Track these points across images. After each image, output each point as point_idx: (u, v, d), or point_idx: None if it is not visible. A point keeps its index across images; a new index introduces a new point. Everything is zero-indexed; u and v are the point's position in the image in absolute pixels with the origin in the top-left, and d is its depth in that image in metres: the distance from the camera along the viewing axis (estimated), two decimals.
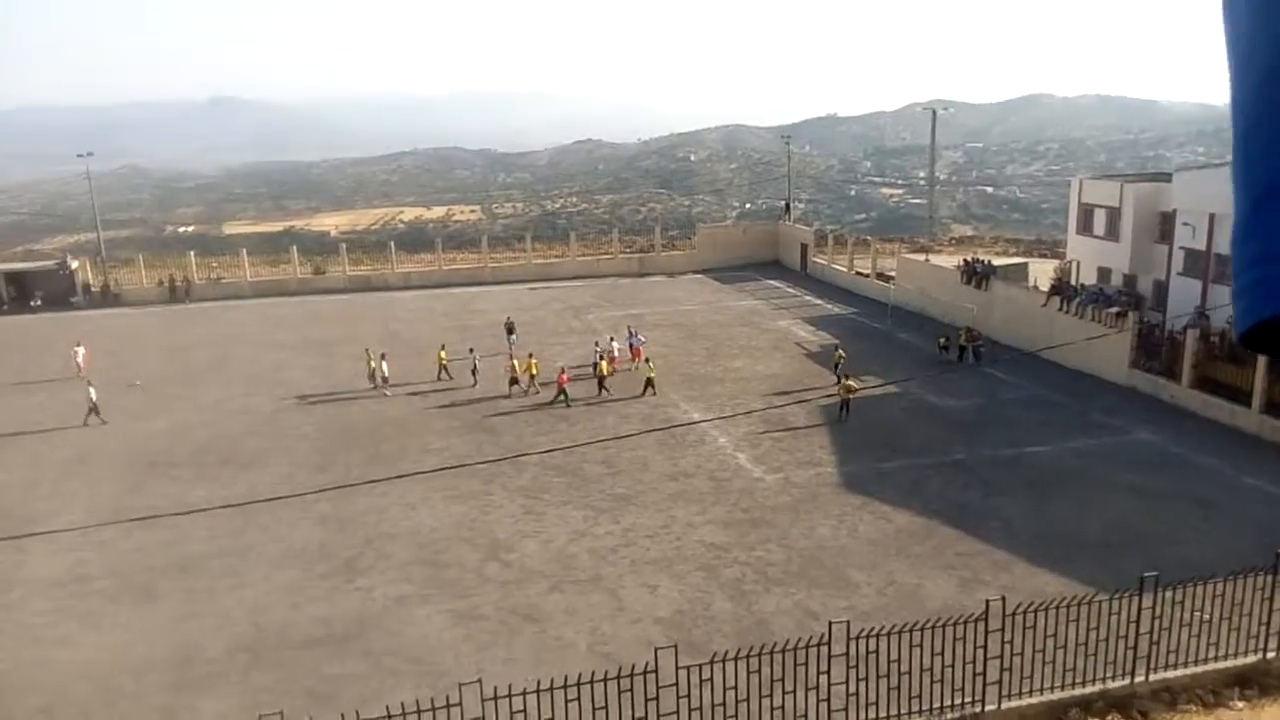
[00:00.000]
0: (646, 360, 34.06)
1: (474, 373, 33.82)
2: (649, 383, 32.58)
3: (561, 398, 31.60)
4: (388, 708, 12.54)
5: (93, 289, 53.68)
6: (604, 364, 33.33)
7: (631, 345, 36.86)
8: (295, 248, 61.22)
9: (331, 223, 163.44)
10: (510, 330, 39.32)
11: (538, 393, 32.79)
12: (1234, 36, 0.52)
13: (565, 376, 31.98)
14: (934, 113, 60.64)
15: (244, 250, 61.19)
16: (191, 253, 60.88)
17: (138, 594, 19.79)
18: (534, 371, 33.24)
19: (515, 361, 33.55)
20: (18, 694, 16.23)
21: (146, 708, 15.75)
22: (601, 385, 32.86)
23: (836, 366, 32.97)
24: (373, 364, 33.85)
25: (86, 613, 19.08)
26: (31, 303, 51.46)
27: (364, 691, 15.57)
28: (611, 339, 36.88)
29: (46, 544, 21.46)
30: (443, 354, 34.79)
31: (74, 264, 54.16)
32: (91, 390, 31.44)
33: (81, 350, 37.19)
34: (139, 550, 21.71)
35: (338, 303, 51.55)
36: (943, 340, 36.84)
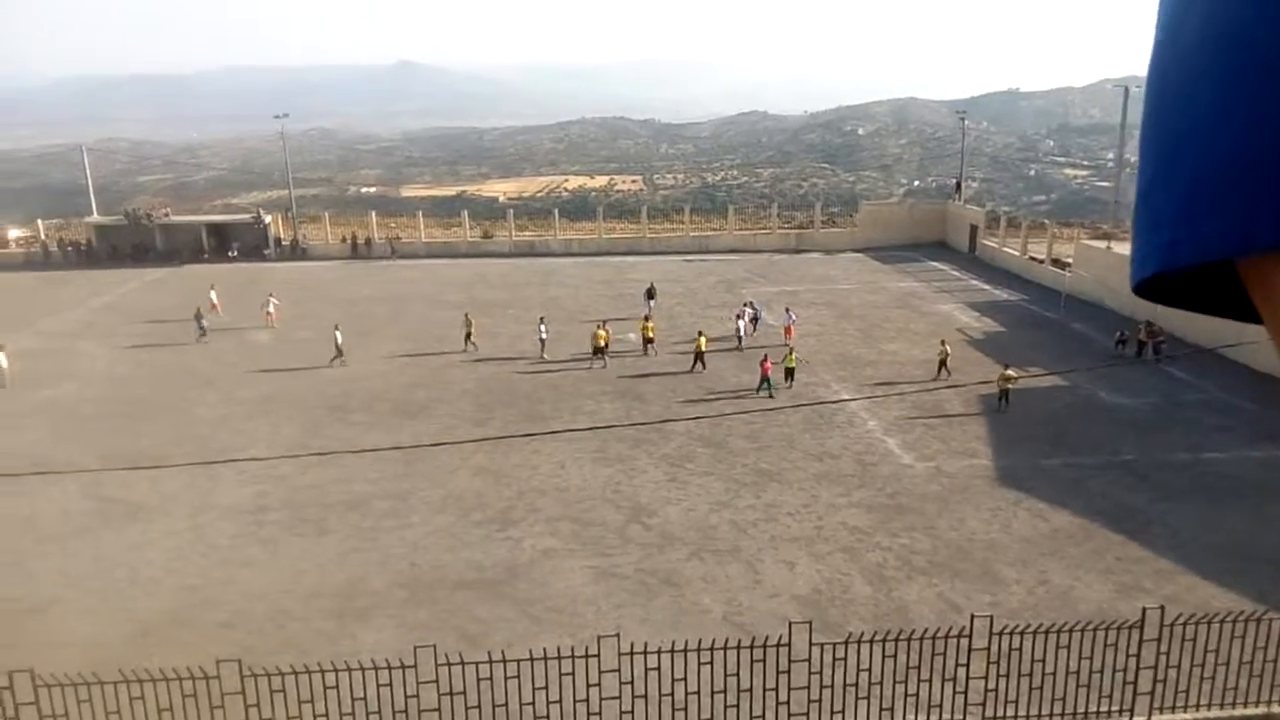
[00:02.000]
0: (791, 351, 32.00)
1: (542, 343, 34.28)
2: (789, 373, 30.81)
3: (765, 385, 29.93)
4: (530, 651, 13.21)
5: (283, 242, 57.73)
6: (701, 339, 32.93)
7: (754, 319, 37.02)
8: (466, 212, 63.78)
9: (500, 189, 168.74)
10: (650, 295, 39.91)
11: (655, 353, 33.98)
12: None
13: (768, 364, 30.05)
14: (1126, 89, 56.78)
15: (420, 212, 64.16)
16: (373, 212, 64.34)
17: (311, 526, 21.42)
18: (650, 335, 34.32)
19: (649, 323, 34.70)
20: (205, 608, 17.95)
21: (312, 631, 17.11)
22: (699, 359, 32.52)
23: (942, 365, 31.62)
24: (544, 332, 34.64)
25: (266, 539, 20.82)
26: (229, 253, 55.93)
27: (509, 635, 16.39)
28: (743, 309, 37.03)
29: (235, 474, 23.47)
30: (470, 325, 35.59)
31: (267, 219, 58.36)
32: (338, 334, 34.27)
33: (274, 302, 40.24)
34: (314, 486, 23.46)
35: (503, 265, 53.51)
36: (1120, 334, 34.79)
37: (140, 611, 17.76)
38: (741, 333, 35.48)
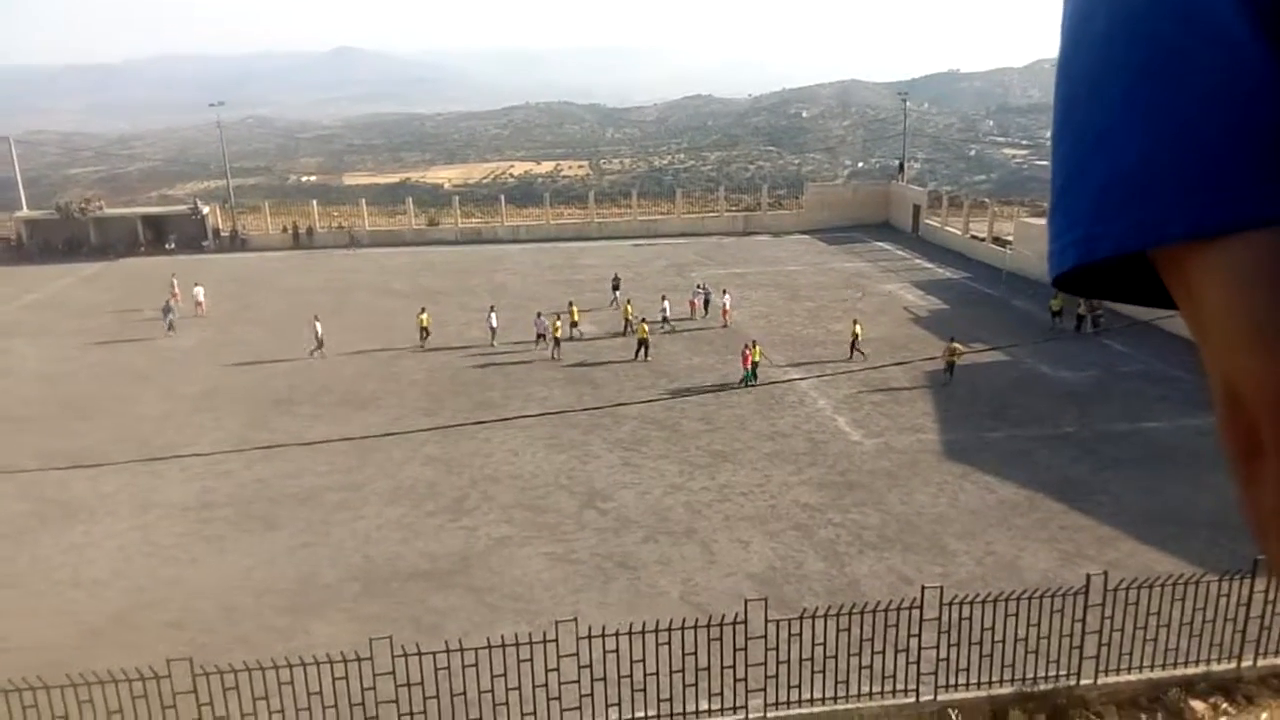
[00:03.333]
0: (643, 320, 32.86)
1: (492, 331, 33.93)
2: (643, 345, 31.92)
3: (748, 377, 29.43)
4: (488, 639, 13.16)
5: (222, 233, 56.47)
6: (644, 326, 32.59)
7: (706, 301, 37.57)
8: (410, 199, 62.92)
9: (445, 176, 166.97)
10: (616, 286, 39.94)
11: (581, 335, 34.30)
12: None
13: (749, 355, 29.59)
14: None
15: (363, 200, 63.21)
16: (314, 201, 63.22)
17: (259, 522, 21.07)
18: (575, 319, 34.57)
19: (629, 308, 35.27)
20: (153, 608, 17.58)
21: (265, 627, 16.86)
22: (643, 347, 32.33)
23: (854, 345, 32.02)
24: (494, 322, 34.18)
25: (213, 536, 20.43)
26: (166, 245, 54.57)
27: (466, 624, 16.32)
28: (697, 291, 38.05)
29: (179, 471, 22.98)
30: (423, 317, 34.43)
31: (205, 209, 57.04)
32: (318, 325, 33.59)
33: (201, 290, 39.42)
34: (260, 481, 23.07)
35: (450, 253, 52.95)
36: (1055, 304, 35.55)
37: (85, 614, 17.34)
38: (667, 313, 35.90)
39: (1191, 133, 0.49)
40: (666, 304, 36.28)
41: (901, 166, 63.74)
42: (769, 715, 13.80)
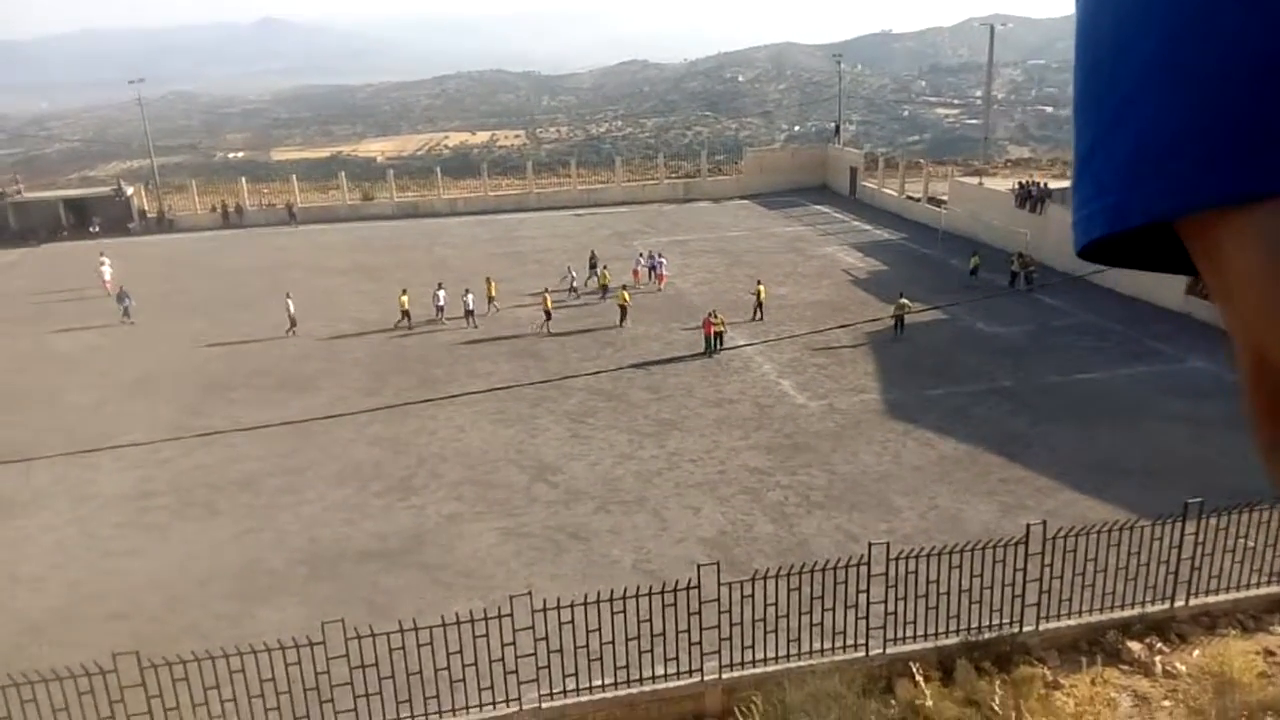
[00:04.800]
0: (623, 287, 34.08)
1: (439, 309, 33.47)
2: (623, 311, 32.48)
3: (709, 346, 29.34)
4: (443, 617, 13.12)
5: (148, 215, 54.74)
6: (547, 298, 32.81)
7: (651, 268, 37.44)
8: (343, 174, 61.58)
9: (377, 148, 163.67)
10: (593, 264, 38.58)
11: (497, 311, 33.88)
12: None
13: (710, 326, 29.38)
14: (992, 28, 58.52)
15: (293, 176, 61.70)
16: (243, 179, 61.54)
17: (200, 509, 20.66)
18: (492, 294, 34.25)
19: (607, 274, 35.91)
20: (92, 601, 17.17)
21: (212, 615, 16.59)
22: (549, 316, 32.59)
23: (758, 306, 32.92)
24: (442, 298, 33.60)
25: (153, 526, 20.00)
26: (90, 228, 52.66)
27: (419, 603, 16.21)
28: (639, 259, 37.88)
29: (114, 461, 22.38)
30: (404, 299, 33.58)
31: (129, 190, 55.19)
32: (290, 303, 33.02)
33: (107, 263, 38.40)
34: (200, 468, 22.59)
35: (386, 229, 51.97)
36: (975, 261, 36.28)
37: (24, 610, 16.89)
38: (574, 283, 36.37)
39: (1224, 95, 0.48)
40: (574, 273, 36.48)
41: (837, 129, 64.10)
42: (724, 677, 14.01)
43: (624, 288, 34.09)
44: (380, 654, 12.90)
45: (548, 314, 32.50)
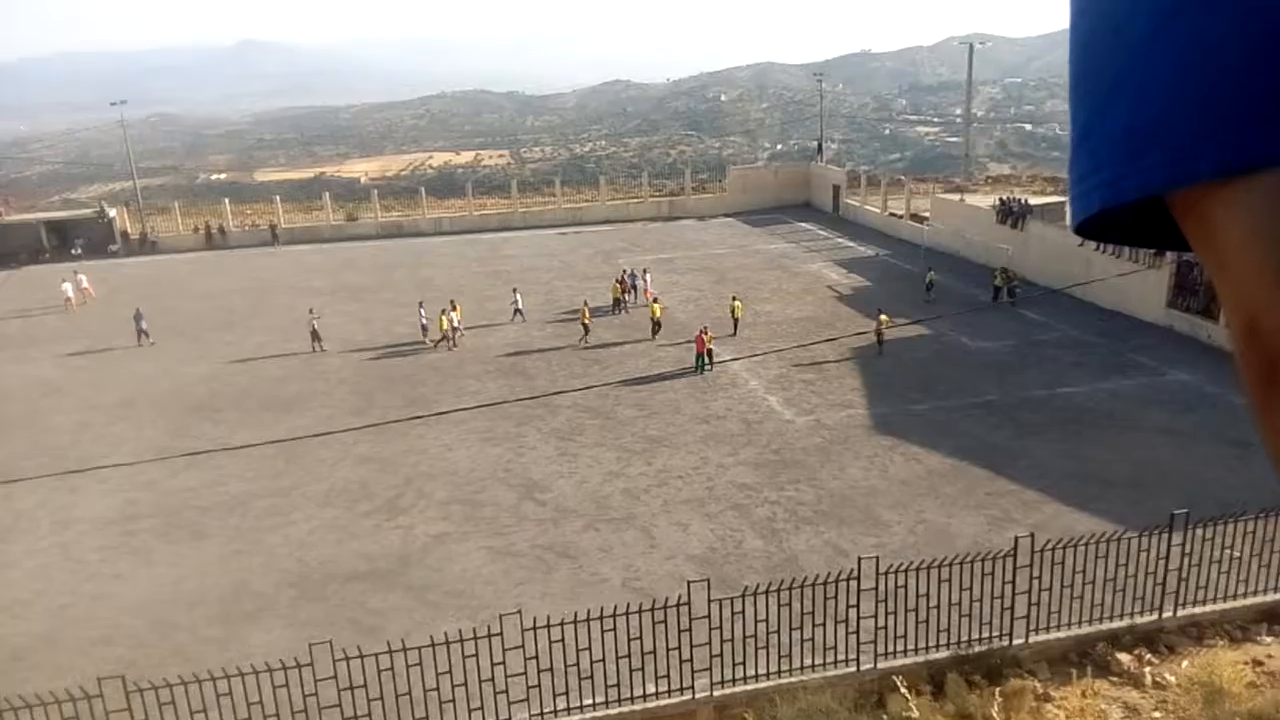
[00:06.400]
0: (655, 300, 34.42)
1: (424, 329, 33.11)
2: (656, 325, 32.74)
3: (701, 363, 29.21)
4: (432, 637, 13.05)
5: (131, 237, 54.47)
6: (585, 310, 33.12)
7: (633, 287, 37.53)
8: (327, 194, 61.49)
9: (361, 169, 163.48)
10: (626, 286, 37.67)
11: (456, 345, 32.76)
12: None
13: (702, 341, 29.19)
14: (971, 47, 59.17)
15: (277, 197, 61.57)
16: (226, 200, 61.37)
17: (186, 532, 20.48)
18: (456, 322, 33.00)
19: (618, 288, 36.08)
20: (77, 626, 16.97)
21: (199, 639, 16.42)
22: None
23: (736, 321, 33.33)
24: (424, 317, 33.21)
25: (139, 549, 19.80)
26: (72, 251, 52.30)
27: (408, 624, 16.12)
28: (623, 277, 37.69)
29: (98, 483, 22.20)
30: (443, 319, 33.04)
31: (111, 213, 54.90)
32: (314, 321, 33.15)
33: (84, 279, 38.75)
34: (186, 490, 22.42)
35: (370, 249, 51.93)
36: (931, 277, 36.56)
37: (7, 636, 16.67)
38: (519, 305, 35.44)
39: (1220, 68, 0.49)
40: (518, 296, 35.83)
41: (820, 147, 64.59)
42: (716, 694, 13.98)
43: (655, 300, 34.24)
44: (369, 675, 12.81)
45: (585, 328, 32.66)
